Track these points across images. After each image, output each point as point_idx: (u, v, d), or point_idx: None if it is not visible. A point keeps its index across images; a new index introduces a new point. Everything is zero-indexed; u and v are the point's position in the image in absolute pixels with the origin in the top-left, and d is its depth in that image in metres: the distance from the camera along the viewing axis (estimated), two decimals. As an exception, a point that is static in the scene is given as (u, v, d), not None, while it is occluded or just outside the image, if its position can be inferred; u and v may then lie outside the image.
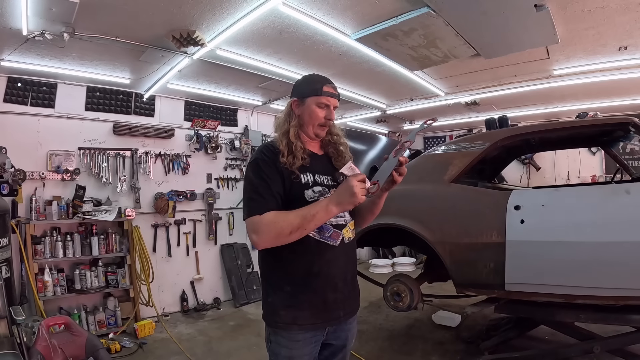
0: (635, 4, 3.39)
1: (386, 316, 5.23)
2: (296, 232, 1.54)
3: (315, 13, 3.45)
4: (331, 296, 1.71)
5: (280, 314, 1.70)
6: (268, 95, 6.26)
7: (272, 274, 1.76)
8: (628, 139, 3.77)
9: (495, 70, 5.17)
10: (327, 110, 1.78)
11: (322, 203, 1.55)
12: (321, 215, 1.54)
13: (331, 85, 1.80)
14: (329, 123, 1.81)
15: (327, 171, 1.82)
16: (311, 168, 1.74)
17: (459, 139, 3.83)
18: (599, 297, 2.79)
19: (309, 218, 1.53)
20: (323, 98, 1.76)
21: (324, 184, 1.76)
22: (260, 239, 1.59)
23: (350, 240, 1.81)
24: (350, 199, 1.49)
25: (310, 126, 1.78)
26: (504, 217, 3.05)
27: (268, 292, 1.78)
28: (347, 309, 1.80)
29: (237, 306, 6.03)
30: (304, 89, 1.81)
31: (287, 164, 1.67)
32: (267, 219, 1.56)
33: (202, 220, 6.24)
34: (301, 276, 1.69)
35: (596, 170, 7.71)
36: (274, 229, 1.55)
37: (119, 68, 4.70)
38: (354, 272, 1.90)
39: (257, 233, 1.58)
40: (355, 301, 1.88)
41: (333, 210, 1.53)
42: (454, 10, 3.35)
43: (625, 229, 2.69)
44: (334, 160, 1.87)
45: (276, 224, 1.55)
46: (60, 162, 4.84)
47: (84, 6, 3.12)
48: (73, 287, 4.63)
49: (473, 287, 3.28)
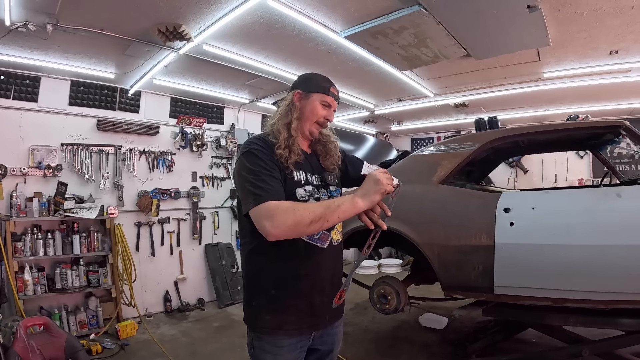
0: (627, 8, 3.39)
1: (372, 318, 5.18)
2: (317, 222, 1.39)
3: (305, 9, 3.39)
4: (318, 300, 1.66)
5: (265, 318, 1.63)
6: (255, 93, 6.19)
7: (258, 276, 1.68)
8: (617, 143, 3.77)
9: (485, 71, 5.17)
10: (328, 110, 1.75)
11: (346, 196, 1.47)
12: (347, 207, 1.42)
13: (336, 88, 1.79)
14: (326, 124, 1.77)
15: (316, 170, 1.76)
16: (303, 166, 1.69)
17: (448, 139, 3.80)
18: (588, 300, 2.76)
19: (333, 208, 1.41)
20: (328, 97, 1.74)
21: (314, 183, 1.70)
22: (275, 227, 1.38)
23: (338, 243, 1.77)
24: (375, 187, 1.44)
25: (308, 122, 1.73)
26: (494, 220, 3.00)
27: (252, 294, 1.70)
28: (333, 313, 1.74)
29: (221, 307, 5.95)
30: (311, 83, 1.76)
31: (283, 157, 1.59)
32: (285, 205, 1.42)
33: (187, 219, 6.14)
34: (288, 279, 1.62)
35: (583, 174, 7.76)
36: (292, 216, 1.38)
37: (104, 62, 4.60)
38: (340, 275, 1.85)
39: (272, 219, 1.39)
40: (341, 305, 1.81)
41: (359, 203, 1.43)
42: (446, 9, 3.31)
43: (616, 232, 2.67)
44: (322, 159, 1.80)
45: (296, 211, 1.40)
46: (42, 157, 4.71)
47: (68, -4, 3.02)
48: (54, 287, 4.51)
49: (461, 290, 3.23)
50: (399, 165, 3.83)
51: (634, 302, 2.64)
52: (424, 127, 8.97)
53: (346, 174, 1.91)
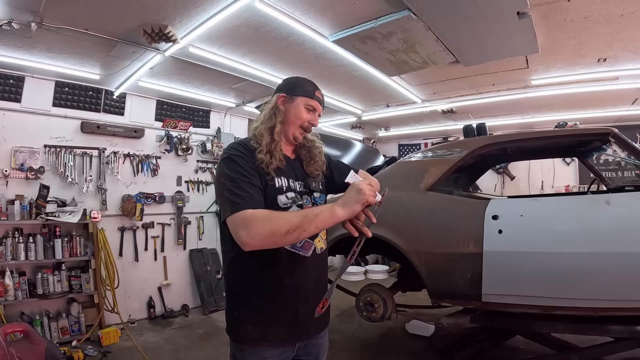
0: (617, 15, 3.42)
1: (358, 325, 5.13)
2: (294, 232, 1.34)
3: (292, 12, 3.36)
4: (302, 310, 1.61)
5: (247, 329, 1.58)
6: (242, 97, 6.15)
7: (239, 285, 1.63)
8: (604, 150, 3.79)
9: (473, 78, 5.19)
10: (312, 114, 1.71)
11: (325, 205, 1.43)
12: (325, 216, 1.37)
13: (320, 92, 1.76)
14: (310, 128, 1.73)
15: (300, 176, 1.71)
16: (286, 172, 1.64)
17: (436, 146, 3.78)
18: (577, 308, 2.77)
19: (311, 217, 1.36)
20: (313, 101, 1.70)
21: (297, 190, 1.66)
22: (250, 236, 1.34)
23: (322, 251, 1.72)
24: (357, 197, 1.38)
25: (292, 126, 1.68)
26: (482, 227, 2.99)
27: (234, 304, 1.66)
28: (317, 323, 1.70)
29: (206, 313, 5.86)
30: (295, 87, 1.72)
31: (264, 162, 1.54)
32: (262, 214, 1.37)
33: (171, 224, 6.05)
34: (271, 288, 1.58)
35: (570, 181, 7.84)
36: (269, 226, 1.34)
37: (89, 62, 4.52)
38: (325, 284, 1.80)
39: (247, 228, 1.35)
40: (326, 315, 1.77)
41: (338, 212, 1.37)
42: (436, 14, 3.31)
43: (605, 239, 2.68)
44: (306, 165, 1.76)
45: (272, 220, 1.35)
46: (24, 159, 4.60)
47: (52, -6, 2.97)
48: (35, 292, 4.39)
49: (449, 298, 3.22)
50: (386, 171, 3.81)
51: (622, 309, 2.66)
52: (411, 133, 9.00)
53: (331, 180, 1.86)
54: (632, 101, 6.17)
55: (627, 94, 5.73)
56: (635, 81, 5.16)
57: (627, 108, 6.49)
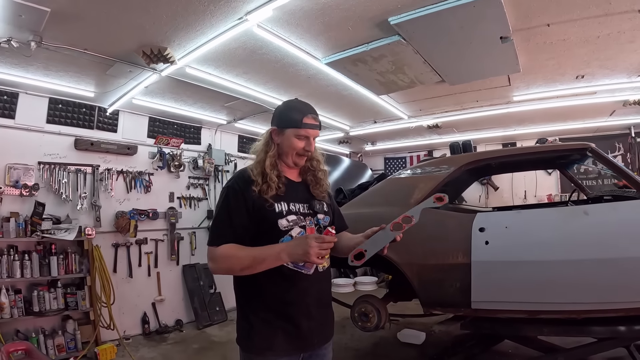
0: (594, 37, 3.64)
1: (351, 336, 5.22)
2: (246, 270, 1.62)
3: (289, 36, 3.51)
4: (305, 324, 1.71)
5: (255, 339, 1.69)
6: (233, 115, 6.25)
7: (247, 300, 1.75)
8: (583, 161, 4.00)
9: (458, 95, 5.39)
10: (306, 141, 1.76)
11: (275, 248, 1.59)
12: (270, 262, 1.59)
13: (312, 115, 1.77)
14: (308, 154, 1.80)
15: (304, 199, 1.81)
16: (286, 197, 1.74)
17: (424, 162, 3.93)
18: (561, 311, 2.93)
19: (259, 261, 1.59)
20: (302, 130, 1.74)
21: (300, 212, 1.76)
22: (214, 269, 1.70)
23: (324, 269, 1.81)
24: (302, 257, 1.52)
25: (290, 156, 1.78)
26: (469, 239, 3.14)
27: (242, 316, 1.77)
28: (321, 336, 1.80)
29: (200, 328, 5.88)
30: (283, 118, 1.78)
31: (260, 191, 1.68)
32: (222, 252, 1.64)
33: (164, 240, 6.08)
34: (275, 304, 1.69)
35: (552, 190, 8.04)
36: (226, 263, 1.65)
37: (84, 80, 4.57)
38: (328, 300, 1.91)
39: (212, 262, 1.69)
40: (329, 328, 1.89)
41: (284, 259, 1.57)
42: (425, 39, 3.50)
43: (584, 247, 2.85)
44: (312, 188, 1.87)
45: (229, 259, 1.63)
46: (19, 176, 4.59)
47: (54, 15, 3.04)
48: (31, 309, 4.37)
49: (440, 306, 3.35)
50: (377, 187, 3.95)
51: (603, 310, 2.82)
52: (397, 147, 9.18)
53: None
54: (609, 113, 6.45)
55: (605, 106, 6.00)
56: (612, 95, 5.41)
57: (606, 119, 6.75)
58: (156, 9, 3.05)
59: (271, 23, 3.25)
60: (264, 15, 3.03)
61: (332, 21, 3.25)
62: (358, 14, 3.15)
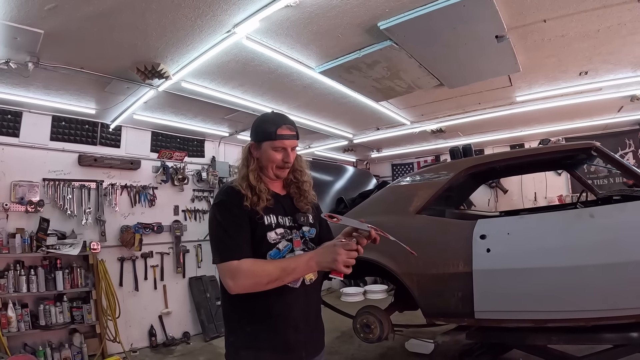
0: (593, 31, 3.53)
1: (358, 346, 5.15)
2: (274, 282, 1.54)
3: (279, 47, 3.49)
4: (292, 337, 1.67)
5: (242, 354, 1.67)
6: (235, 127, 6.27)
7: (233, 314, 1.72)
8: (591, 161, 3.88)
9: (459, 98, 5.32)
10: (283, 153, 1.73)
11: (304, 258, 1.57)
12: (301, 271, 1.57)
13: (287, 125, 1.73)
14: (288, 165, 1.77)
15: (289, 212, 1.79)
16: (274, 209, 1.72)
17: (423, 169, 3.86)
18: (569, 319, 2.81)
19: (289, 271, 1.55)
20: (277, 142, 1.70)
21: (286, 225, 1.73)
22: (236, 286, 1.56)
23: (312, 282, 1.77)
24: (330, 264, 1.50)
25: (270, 169, 1.75)
26: (470, 247, 3.06)
27: (229, 331, 1.74)
28: (309, 349, 1.76)
29: (207, 340, 5.88)
30: (259, 132, 1.76)
31: (251, 204, 1.65)
32: (246, 267, 1.55)
33: (170, 253, 6.11)
34: (261, 317, 1.65)
35: (562, 191, 7.88)
36: (252, 278, 1.54)
37: (85, 98, 4.63)
38: (317, 313, 1.86)
39: (234, 279, 1.55)
40: (318, 341, 1.84)
41: (313, 267, 1.56)
42: (416, 43, 3.45)
43: (590, 252, 2.73)
44: (296, 201, 1.83)
45: (255, 273, 1.55)
46: (24, 193, 4.67)
47: (48, 36, 3.08)
48: (37, 323, 4.43)
49: (442, 316, 3.28)
50: (377, 196, 3.89)
51: (613, 317, 2.69)
52: (404, 153, 9.11)
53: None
54: (618, 109, 6.28)
55: (612, 103, 5.82)
56: (619, 90, 5.25)
57: (614, 116, 6.59)
58: (145, 27, 3.07)
59: (260, 34, 3.24)
60: (251, 27, 3.02)
61: (321, 29, 3.22)
62: (346, 21, 3.11)
